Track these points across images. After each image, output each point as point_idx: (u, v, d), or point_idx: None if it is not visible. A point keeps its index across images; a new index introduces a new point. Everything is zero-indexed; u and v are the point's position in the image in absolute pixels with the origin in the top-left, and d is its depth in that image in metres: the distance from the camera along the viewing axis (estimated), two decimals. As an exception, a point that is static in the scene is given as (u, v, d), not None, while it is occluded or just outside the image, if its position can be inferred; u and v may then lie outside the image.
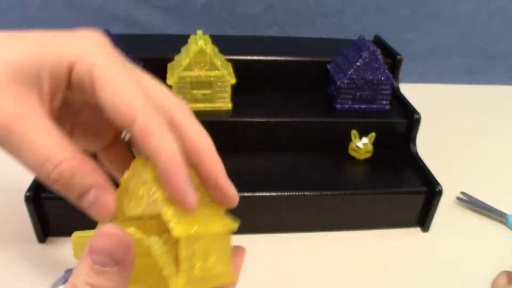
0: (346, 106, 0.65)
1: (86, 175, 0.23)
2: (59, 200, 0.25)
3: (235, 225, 0.26)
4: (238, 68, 0.63)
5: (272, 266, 0.52)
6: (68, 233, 0.26)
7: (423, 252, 0.56)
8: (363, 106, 0.65)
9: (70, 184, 0.23)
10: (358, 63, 0.62)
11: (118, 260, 0.21)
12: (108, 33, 0.61)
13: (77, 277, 0.21)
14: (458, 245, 0.57)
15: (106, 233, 0.21)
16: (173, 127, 0.25)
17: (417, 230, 0.60)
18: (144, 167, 0.24)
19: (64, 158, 0.22)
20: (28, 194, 0.50)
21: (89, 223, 0.25)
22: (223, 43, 0.65)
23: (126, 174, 0.25)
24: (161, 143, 0.23)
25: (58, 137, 0.23)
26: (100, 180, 0.23)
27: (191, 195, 0.23)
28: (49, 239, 0.54)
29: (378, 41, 0.78)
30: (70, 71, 0.24)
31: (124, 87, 0.23)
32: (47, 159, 0.22)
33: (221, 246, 0.25)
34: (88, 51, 0.24)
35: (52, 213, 0.52)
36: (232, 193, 0.26)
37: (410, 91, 0.70)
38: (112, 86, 0.23)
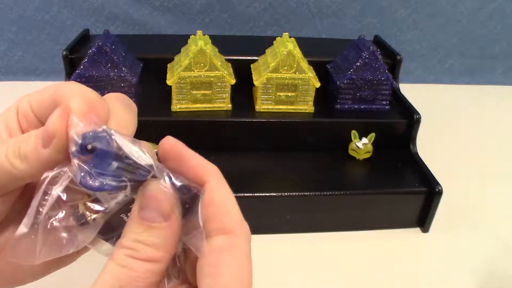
0: (346, 106, 0.65)
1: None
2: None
3: None
4: (238, 68, 0.63)
5: (271, 266, 0.52)
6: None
7: (423, 252, 0.56)
8: (363, 106, 0.65)
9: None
10: (358, 63, 0.62)
11: (166, 216, 0.21)
12: (108, 33, 0.61)
13: (125, 236, 0.21)
14: (458, 245, 0.57)
15: (153, 191, 0.21)
16: None
17: (417, 230, 0.60)
18: None
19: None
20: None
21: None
22: (223, 43, 0.65)
23: None
24: None
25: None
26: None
27: None
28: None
29: (378, 41, 0.78)
30: None
31: None
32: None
33: None
34: None
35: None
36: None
37: (410, 91, 0.70)
38: None
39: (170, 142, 0.23)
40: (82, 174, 0.20)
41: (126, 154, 0.21)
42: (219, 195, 0.23)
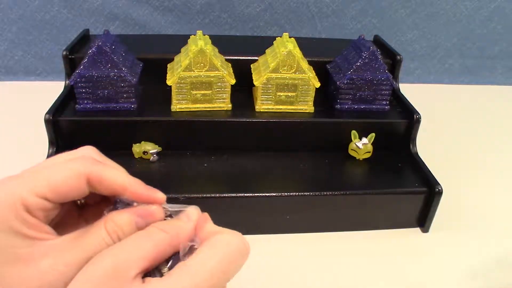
0: (346, 106, 0.65)
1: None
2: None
3: None
4: (238, 68, 0.63)
5: (271, 266, 0.52)
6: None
7: (423, 252, 0.56)
8: (363, 106, 0.65)
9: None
10: (358, 63, 0.62)
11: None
12: (108, 33, 0.61)
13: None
14: (458, 245, 0.57)
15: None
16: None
17: (417, 230, 0.60)
18: None
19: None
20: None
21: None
22: (223, 43, 0.65)
23: None
24: None
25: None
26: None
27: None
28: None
29: (378, 41, 0.78)
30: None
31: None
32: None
33: None
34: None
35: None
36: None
37: (410, 91, 0.70)
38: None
39: (197, 222, 0.30)
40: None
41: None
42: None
